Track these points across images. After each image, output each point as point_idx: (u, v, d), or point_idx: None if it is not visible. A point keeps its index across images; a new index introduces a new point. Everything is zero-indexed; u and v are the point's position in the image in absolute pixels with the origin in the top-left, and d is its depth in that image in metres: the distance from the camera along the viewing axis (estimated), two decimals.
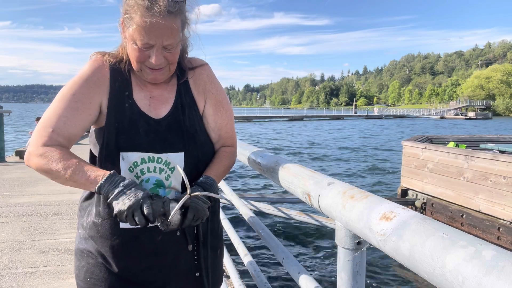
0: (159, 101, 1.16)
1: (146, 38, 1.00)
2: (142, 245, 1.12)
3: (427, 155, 7.33)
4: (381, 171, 13.45)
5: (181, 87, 1.20)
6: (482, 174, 6.11)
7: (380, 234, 0.61)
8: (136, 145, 1.08)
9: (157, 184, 1.11)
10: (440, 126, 43.70)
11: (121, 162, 1.07)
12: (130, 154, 1.07)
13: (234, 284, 2.14)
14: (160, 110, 1.15)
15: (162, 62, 1.05)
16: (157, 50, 1.02)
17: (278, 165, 1.22)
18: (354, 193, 0.76)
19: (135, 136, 1.08)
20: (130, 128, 1.08)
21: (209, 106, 1.22)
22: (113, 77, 1.12)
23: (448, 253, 0.46)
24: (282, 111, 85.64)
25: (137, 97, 1.13)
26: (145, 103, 1.14)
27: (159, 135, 1.11)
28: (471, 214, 6.27)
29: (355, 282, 0.79)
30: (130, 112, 1.10)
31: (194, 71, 1.22)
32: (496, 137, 10.22)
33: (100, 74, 1.11)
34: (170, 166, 1.12)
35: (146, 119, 1.11)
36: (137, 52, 1.03)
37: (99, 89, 1.10)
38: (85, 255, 1.15)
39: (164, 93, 1.18)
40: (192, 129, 1.16)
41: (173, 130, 1.13)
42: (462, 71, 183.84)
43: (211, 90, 1.23)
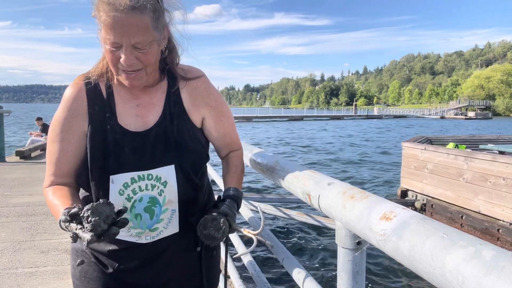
0: (147, 109, 1.12)
1: (112, 36, 0.95)
2: (137, 249, 1.11)
3: (427, 156, 7.33)
4: (380, 172, 13.45)
5: (171, 96, 1.15)
6: (481, 175, 6.11)
7: (380, 234, 0.61)
8: (124, 165, 1.04)
9: (151, 202, 1.08)
10: (440, 126, 43.70)
11: (110, 186, 1.04)
12: (119, 176, 1.04)
13: (234, 284, 2.14)
14: (148, 119, 1.11)
15: (134, 63, 0.99)
16: (126, 49, 0.97)
17: (278, 165, 1.22)
18: (354, 193, 0.76)
19: (122, 157, 1.05)
20: (115, 149, 1.05)
21: (210, 119, 1.20)
22: (91, 101, 1.08)
23: (448, 253, 0.46)
24: (282, 111, 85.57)
25: (121, 111, 1.09)
26: (131, 115, 1.10)
27: (147, 151, 1.07)
28: (471, 215, 6.27)
29: (355, 282, 0.79)
30: (113, 134, 1.06)
31: (188, 82, 1.18)
32: (496, 138, 10.22)
33: (77, 103, 1.08)
34: (162, 181, 1.08)
35: (132, 136, 1.07)
36: (109, 53, 0.99)
37: (79, 119, 1.07)
38: (80, 254, 1.15)
39: (153, 100, 1.13)
40: (181, 139, 1.12)
41: (161, 142, 1.09)
42: (462, 71, 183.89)
43: (209, 103, 1.21)
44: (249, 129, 35.67)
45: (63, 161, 1.07)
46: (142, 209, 1.07)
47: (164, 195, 1.09)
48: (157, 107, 1.12)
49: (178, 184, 1.10)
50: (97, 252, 1.12)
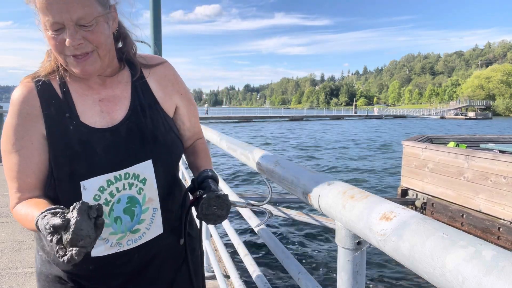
0: (112, 103, 1.00)
1: (51, 16, 0.84)
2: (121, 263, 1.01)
3: (427, 155, 7.33)
4: (381, 171, 13.45)
5: (137, 85, 1.05)
6: (482, 174, 6.11)
7: (380, 234, 0.61)
8: (97, 167, 0.93)
9: (130, 203, 0.98)
10: (440, 126, 43.70)
11: (83, 193, 0.93)
12: (93, 181, 0.93)
13: (234, 284, 2.14)
14: (115, 113, 0.99)
15: (82, 43, 0.87)
16: (69, 28, 0.85)
17: (278, 165, 1.22)
18: (354, 193, 0.76)
19: (93, 159, 0.93)
20: (85, 151, 0.93)
21: (182, 107, 1.14)
22: (45, 101, 0.95)
23: (448, 253, 0.46)
24: (282, 111, 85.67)
25: (82, 109, 0.97)
26: (95, 111, 0.98)
27: (120, 148, 0.96)
28: (471, 214, 6.27)
29: (355, 282, 0.79)
30: (78, 134, 0.94)
31: (152, 69, 1.09)
32: (497, 137, 10.22)
33: (28, 105, 0.94)
34: (140, 178, 0.99)
35: (101, 134, 0.96)
36: (52, 40, 0.87)
37: (34, 122, 0.94)
38: (52, 280, 1.01)
39: (116, 93, 1.02)
40: (157, 131, 1.02)
41: (135, 136, 0.98)
42: (462, 71, 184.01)
43: (180, 91, 1.14)
44: (249, 129, 35.69)
45: (26, 172, 0.93)
46: (121, 211, 0.97)
47: (144, 193, 1.00)
48: (123, 99, 1.02)
49: (157, 180, 1.01)
50: (77, 274, 1.00)
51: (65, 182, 0.93)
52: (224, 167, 13.14)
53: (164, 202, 1.05)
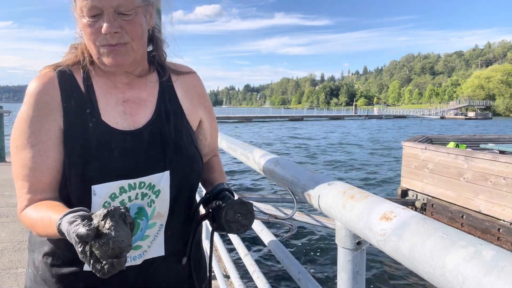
0: (136, 105, 0.94)
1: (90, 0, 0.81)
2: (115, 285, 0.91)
3: (427, 155, 7.33)
4: (381, 172, 13.45)
5: (164, 89, 0.99)
6: (482, 175, 6.11)
7: (380, 234, 0.61)
8: (111, 172, 0.85)
9: (138, 214, 0.90)
10: (440, 126, 43.69)
11: (92, 198, 0.84)
12: (104, 186, 0.84)
13: (234, 284, 2.14)
14: (138, 116, 0.93)
15: (118, 32, 0.83)
16: (108, 15, 0.82)
17: (278, 165, 1.22)
18: (354, 193, 0.76)
19: (109, 162, 0.85)
20: (100, 152, 0.85)
21: (205, 121, 1.07)
22: (66, 94, 0.88)
23: (448, 253, 0.46)
24: (282, 111, 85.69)
25: (105, 107, 0.90)
26: (117, 112, 0.91)
27: (140, 154, 0.89)
28: (471, 215, 6.27)
29: (355, 282, 0.79)
30: (97, 132, 0.86)
31: (180, 77, 1.04)
32: (496, 137, 10.23)
33: (47, 95, 0.87)
34: (155, 189, 0.90)
35: (122, 136, 0.88)
36: (88, 27, 0.83)
37: (53, 116, 0.86)
38: None
39: (142, 95, 0.96)
40: (180, 141, 0.95)
41: (157, 143, 0.91)
42: (462, 71, 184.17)
43: (204, 104, 1.08)
44: (249, 129, 35.68)
45: (42, 170, 0.85)
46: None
47: (154, 206, 0.91)
48: (148, 103, 0.95)
49: (171, 193, 0.93)
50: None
51: (75, 185, 0.85)
52: None
53: (172, 220, 0.96)
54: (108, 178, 0.84)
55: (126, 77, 0.95)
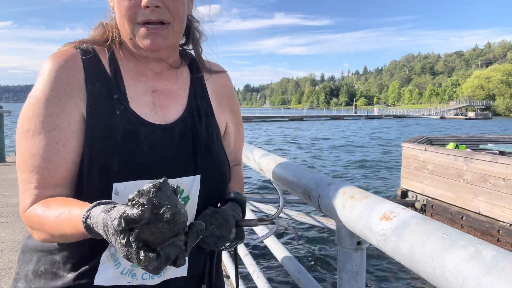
0: (167, 98, 0.84)
1: None
2: None
3: (427, 156, 7.33)
4: (380, 172, 13.45)
5: (195, 86, 0.91)
6: (481, 176, 6.11)
7: (380, 234, 0.61)
8: (138, 168, 0.74)
9: None
10: (440, 126, 43.71)
11: (113, 199, 0.72)
12: (128, 185, 0.72)
13: (234, 284, 2.15)
14: (169, 111, 0.83)
15: (160, 6, 0.74)
16: None
17: (279, 165, 1.22)
18: (354, 193, 0.76)
19: (136, 156, 0.74)
20: (127, 144, 0.74)
21: (232, 126, 0.99)
22: (90, 74, 0.77)
23: (448, 253, 0.46)
24: (282, 111, 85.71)
25: (133, 95, 0.80)
26: (146, 102, 0.81)
27: (171, 151, 0.78)
28: (471, 216, 6.27)
29: (355, 282, 0.79)
30: (124, 121, 0.76)
31: (212, 75, 0.96)
32: (496, 137, 10.23)
33: (70, 74, 0.75)
34: (183, 195, 0.79)
35: (151, 129, 0.78)
36: (125, 1, 0.74)
37: (74, 99, 0.74)
38: None
39: (173, 88, 0.86)
40: (211, 144, 0.86)
41: (187, 142, 0.81)
42: (462, 71, 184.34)
43: (233, 107, 0.99)
44: (249, 129, 35.68)
45: (56, 161, 0.72)
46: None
47: None
48: (179, 97, 0.86)
49: (199, 203, 0.82)
50: None
51: (94, 181, 0.72)
52: None
53: None
54: (134, 175, 0.73)
55: (158, 65, 0.86)
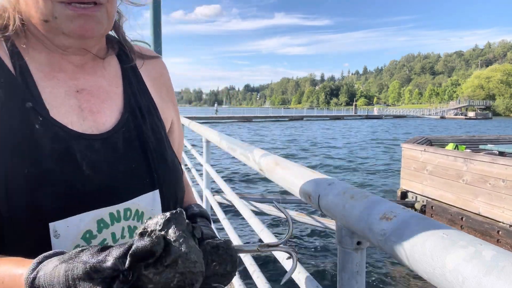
0: (97, 98, 0.64)
1: None
2: None
3: (426, 157, 7.34)
4: (380, 173, 13.46)
5: (129, 78, 0.71)
6: (481, 177, 6.11)
7: (380, 234, 0.61)
8: (81, 198, 0.56)
9: None
10: (440, 126, 43.72)
11: (53, 243, 0.53)
12: (72, 221, 0.54)
13: (234, 284, 2.15)
14: (102, 114, 0.63)
15: None
16: None
17: (278, 165, 1.22)
18: (354, 193, 0.76)
19: (75, 182, 0.55)
20: (60, 170, 0.54)
21: (175, 123, 0.80)
22: None
23: (448, 253, 0.46)
24: (282, 111, 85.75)
25: (51, 98, 0.59)
26: (70, 107, 0.60)
27: (118, 167, 0.61)
28: (471, 217, 6.28)
29: (355, 282, 0.79)
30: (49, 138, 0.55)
31: (146, 63, 0.77)
32: (496, 138, 10.24)
33: None
34: (144, 219, 0.64)
35: (87, 142, 0.59)
36: None
37: None
38: None
39: (103, 84, 0.67)
40: (162, 148, 0.69)
41: (135, 152, 0.64)
42: (462, 71, 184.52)
43: (174, 99, 0.82)
44: (249, 129, 35.68)
45: None
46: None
47: None
48: (112, 95, 0.67)
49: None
50: None
51: (20, 227, 0.52)
52: (223, 166, 13.14)
53: None
54: (77, 207, 0.55)
55: (80, 56, 0.65)
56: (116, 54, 0.74)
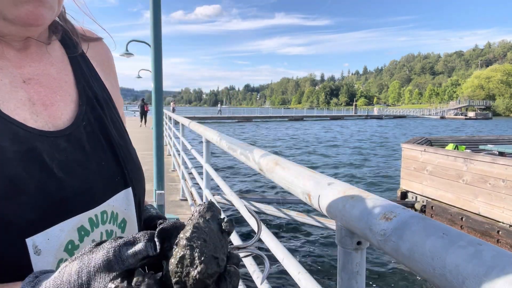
0: (47, 88, 0.56)
1: None
2: None
3: (426, 157, 7.34)
4: (380, 173, 13.46)
5: (78, 64, 0.63)
6: (481, 177, 6.12)
7: (380, 234, 0.61)
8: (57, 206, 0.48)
9: None
10: (440, 126, 43.72)
11: (33, 261, 0.45)
12: (52, 233, 0.48)
13: None
14: (56, 107, 0.56)
15: None
16: None
17: (278, 165, 1.22)
18: (354, 193, 0.76)
19: (48, 188, 0.48)
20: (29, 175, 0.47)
21: (121, 111, 0.72)
22: None
23: (448, 253, 0.47)
24: (282, 111, 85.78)
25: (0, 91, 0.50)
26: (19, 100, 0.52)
27: (88, 166, 0.55)
28: (471, 217, 6.28)
29: (355, 282, 0.79)
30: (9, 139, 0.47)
31: (91, 45, 0.69)
32: (496, 138, 10.24)
33: None
34: (119, 221, 0.59)
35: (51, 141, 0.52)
36: None
37: None
38: None
39: (51, 71, 0.58)
40: (124, 141, 0.64)
41: (101, 147, 0.58)
42: (462, 71, 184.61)
43: (118, 86, 0.75)
44: (249, 129, 35.68)
45: None
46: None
47: None
48: (63, 83, 0.59)
49: (138, 221, 0.64)
50: None
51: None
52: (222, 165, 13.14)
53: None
54: (56, 216, 0.48)
55: (22, 42, 0.56)
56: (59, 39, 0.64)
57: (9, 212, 0.43)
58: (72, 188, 0.51)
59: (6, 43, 0.54)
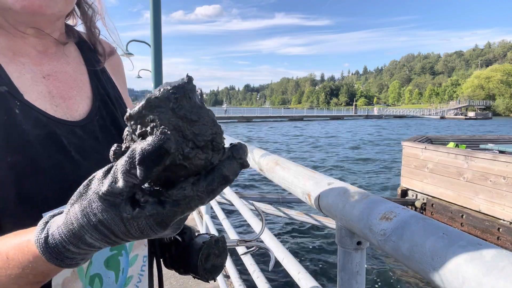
0: (65, 84, 0.62)
1: None
2: None
3: (427, 155, 7.34)
4: (380, 171, 13.46)
5: (94, 64, 0.70)
6: (482, 174, 6.11)
7: (380, 234, 0.61)
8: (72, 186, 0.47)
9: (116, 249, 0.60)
10: (440, 126, 43.72)
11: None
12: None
13: (234, 284, 2.15)
14: (73, 101, 0.61)
15: None
16: None
17: (278, 165, 1.22)
18: (354, 193, 0.76)
19: (66, 169, 0.53)
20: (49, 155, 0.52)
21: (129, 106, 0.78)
22: None
23: (448, 253, 0.46)
24: (282, 111, 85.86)
25: (20, 83, 0.55)
26: (39, 92, 0.57)
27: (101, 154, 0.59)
28: (471, 214, 6.28)
29: (355, 282, 0.79)
30: (32, 123, 0.52)
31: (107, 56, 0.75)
32: (496, 137, 10.24)
33: None
34: None
35: (69, 128, 0.57)
36: None
37: None
38: None
39: (68, 70, 0.64)
40: None
41: (114, 140, 0.61)
42: (462, 71, 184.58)
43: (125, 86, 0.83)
44: (249, 129, 35.68)
45: None
46: (102, 264, 0.58)
47: None
48: (79, 81, 0.65)
49: None
50: None
51: (11, 217, 0.48)
52: None
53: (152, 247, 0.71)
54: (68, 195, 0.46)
55: (40, 41, 0.61)
56: (75, 42, 0.71)
57: (29, 189, 0.49)
58: (87, 170, 0.52)
59: (28, 44, 0.60)
